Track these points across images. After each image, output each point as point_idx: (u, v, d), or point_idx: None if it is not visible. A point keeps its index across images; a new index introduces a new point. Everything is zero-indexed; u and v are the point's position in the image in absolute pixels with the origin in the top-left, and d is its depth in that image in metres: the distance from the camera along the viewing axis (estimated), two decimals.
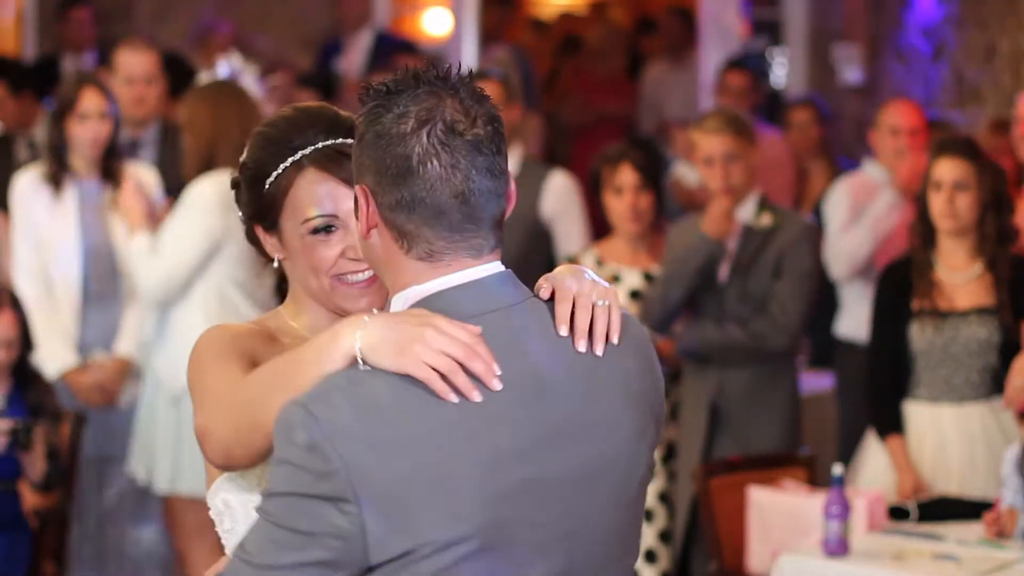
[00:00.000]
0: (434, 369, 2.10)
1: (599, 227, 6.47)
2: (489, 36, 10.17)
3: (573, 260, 5.73)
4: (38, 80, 8.24)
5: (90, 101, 5.81)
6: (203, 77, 6.84)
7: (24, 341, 5.27)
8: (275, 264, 2.58)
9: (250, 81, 6.50)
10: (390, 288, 2.26)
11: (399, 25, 10.35)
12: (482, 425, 2.12)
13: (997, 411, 5.00)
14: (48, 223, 5.83)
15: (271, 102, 7.10)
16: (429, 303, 2.19)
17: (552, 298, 2.27)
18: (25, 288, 5.70)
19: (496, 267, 2.22)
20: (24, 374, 5.28)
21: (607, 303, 2.25)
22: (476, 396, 2.11)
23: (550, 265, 6.23)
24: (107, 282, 5.88)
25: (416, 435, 2.09)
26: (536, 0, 12.62)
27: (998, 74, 7.21)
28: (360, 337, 2.14)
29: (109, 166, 5.87)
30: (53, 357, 5.66)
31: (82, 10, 9.47)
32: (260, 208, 2.55)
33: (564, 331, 2.20)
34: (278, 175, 2.51)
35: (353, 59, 9.41)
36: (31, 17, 10.10)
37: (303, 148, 2.50)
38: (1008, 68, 7.16)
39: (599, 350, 2.21)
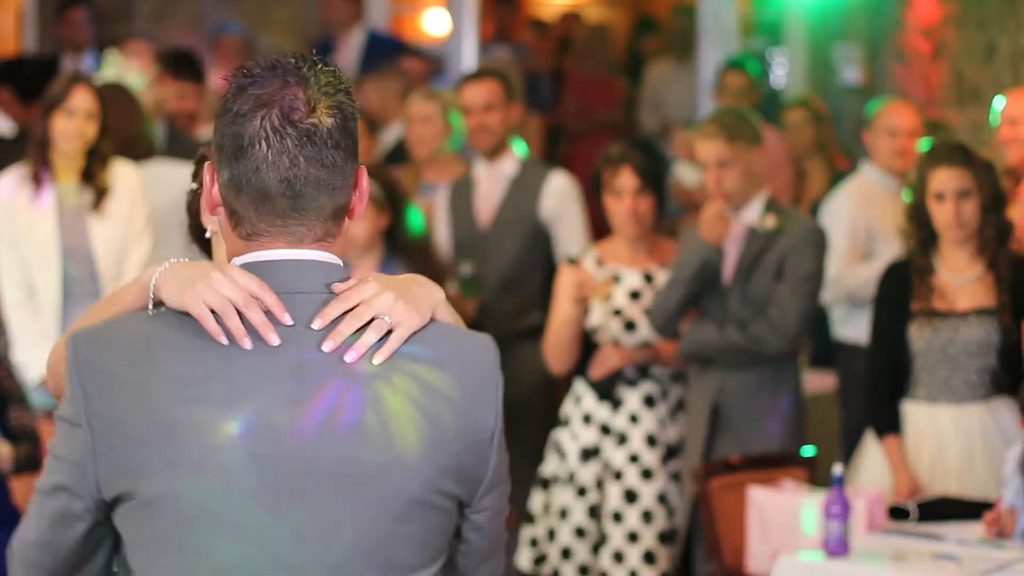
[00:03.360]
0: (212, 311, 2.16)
1: (599, 228, 6.45)
2: (489, 36, 10.17)
3: (573, 261, 5.72)
4: (39, 80, 8.23)
5: (80, 98, 5.82)
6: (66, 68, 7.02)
7: None
8: (206, 235, 2.63)
9: (135, 79, 6.59)
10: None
11: (398, 25, 10.34)
12: (226, 392, 2.14)
13: (995, 412, 5.00)
14: (27, 225, 5.83)
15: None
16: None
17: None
18: (6, 291, 5.69)
19: (312, 254, 2.23)
20: None
21: (391, 320, 2.21)
22: (246, 343, 2.15)
23: (550, 265, 6.22)
24: (87, 284, 5.88)
25: (157, 383, 2.14)
26: (536, 0, 12.62)
27: (998, 74, 7.20)
28: (158, 274, 2.23)
29: (90, 169, 5.86)
30: (34, 362, 5.64)
31: (81, 10, 9.46)
32: None
33: (317, 325, 2.18)
34: None
35: (345, 57, 9.41)
36: (31, 17, 10.09)
37: None
38: (1008, 68, 7.15)
39: (349, 357, 2.17)
